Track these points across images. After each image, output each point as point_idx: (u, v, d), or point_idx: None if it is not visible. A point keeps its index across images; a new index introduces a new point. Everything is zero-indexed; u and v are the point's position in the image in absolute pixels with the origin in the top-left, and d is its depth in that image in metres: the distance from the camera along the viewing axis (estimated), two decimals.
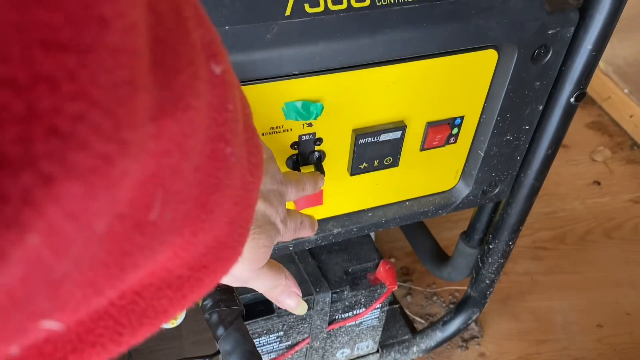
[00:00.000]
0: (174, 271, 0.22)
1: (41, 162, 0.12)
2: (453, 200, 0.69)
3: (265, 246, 0.36)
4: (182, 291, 0.22)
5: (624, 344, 1.08)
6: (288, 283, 0.42)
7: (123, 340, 0.20)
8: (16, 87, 0.12)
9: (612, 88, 1.61)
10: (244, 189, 0.25)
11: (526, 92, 0.58)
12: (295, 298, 0.42)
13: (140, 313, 0.21)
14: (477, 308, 0.88)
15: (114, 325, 0.20)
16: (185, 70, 0.18)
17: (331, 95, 0.51)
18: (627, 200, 1.38)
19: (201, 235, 0.22)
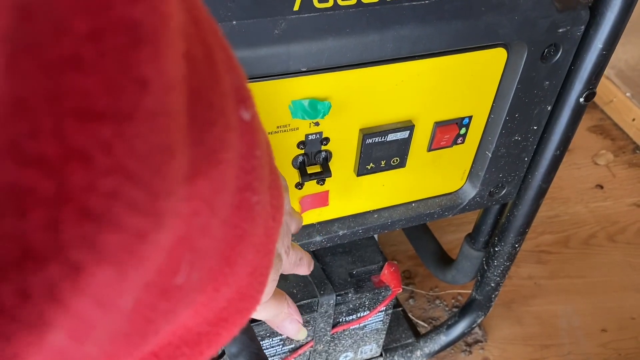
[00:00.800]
0: (194, 329, 0.21)
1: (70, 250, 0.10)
2: (459, 202, 0.68)
3: (273, 280, 0.35)
4: (200, 347, 0.21)
5: (629, 348, 1.07)
6: (290, 311, 0.41)
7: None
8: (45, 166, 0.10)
9: (614, 92, 1.60)
10: (266, 235, 0.23)
11: (535, 92, 0.58)
12: (296, 324, 0.42)
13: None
14: (482, 311, 0.87)
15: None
16: (218, 123, 0.16)
17: (339, 94, 0.51)
18: (630, 204, 1.37)
19: (224, 290, 0.20)
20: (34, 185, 0.10)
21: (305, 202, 0.59)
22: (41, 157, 0.10)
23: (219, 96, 0.16)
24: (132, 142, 0.11)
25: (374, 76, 0.50)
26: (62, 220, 0.10)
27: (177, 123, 0.13)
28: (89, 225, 0.11)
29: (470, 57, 0.54)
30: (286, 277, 0.72)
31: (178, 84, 0.13)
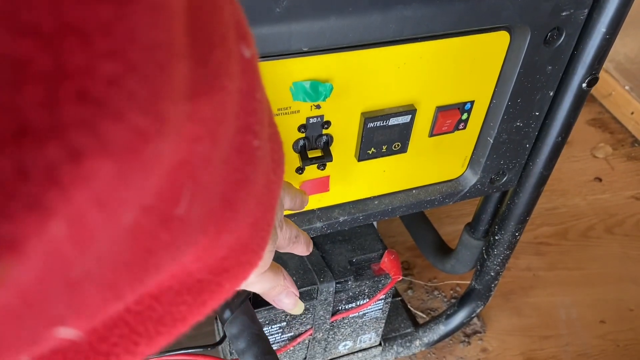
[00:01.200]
0: (195, 274, 0.20)
1: (70, 132, 0.10)
2: (460, 189, 0.67)
3: (269, 251, 0.35)
4: (202, 297, 0.21)
5: (627, 340, 1.07)
6: (286, 283, 0.41)
7: (138, 351, 0.18)
8: (41, 38, 0.10)
9: (613, 85, 1.60)
10: (268, 188, 0.23)
11: (538, 77, 0.57)
12: (292, 298, 0.42)
13: (157, 320, 0.19)
14: (481, 301, 0.87)
15: (129, 334, 0.18)
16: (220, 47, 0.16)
17: (340, 76, 0.50)
18: (628, 197, 1.37)
19: (225, 236, 0.20)
20: (30, 57, 0.10)
21: (306, 187, 0.59)
22: (37, 28, 0.10)
23: (220, 22, 0.16)
24: (132, 29, 0.11)
25: (376, 58, 0.50)
26: (60, 98, 0.10)
27: (177, 25, 0.13)
28: (89, 109, 0.11)
29: (472, 40, 0.53)
30: (286, 264, 0.72)
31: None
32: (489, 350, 1.03)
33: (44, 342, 0.14)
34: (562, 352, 1.04)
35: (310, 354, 0.78)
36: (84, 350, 0.17)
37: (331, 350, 0.81)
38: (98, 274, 0.13)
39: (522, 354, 1.03)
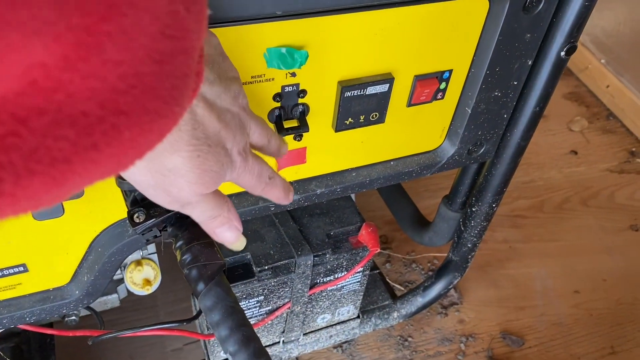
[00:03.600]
0: (76, 100, 0.17)
1: None
2: (438, 160, 0.67)
3: (212, 170, 0.33)
4: (92, 137, 0.17)
5: (600, 309, 1.09)
6: (230, 215, 0.38)
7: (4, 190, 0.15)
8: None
9: (590, 58, 1.61)
10: (174, 19, 0.19)
11: (516, 45, 0.56)
12: (235, 231, 0.39)
13: (26, 153, 0.15)
14: (459, 273, 0.87)
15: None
16: None
17: (316, 42, 0.49)
18: (603, 170, 1.39)
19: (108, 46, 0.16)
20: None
21: (281, 160, 0.58)
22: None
23: None
24: None
25: (352, 23, 0.49)
26: None
27: None
28: None
29: (451, 6, 0.52)
30: (263, 237, 0.71)
31: None
32: (465, 321, 1.04)
33: None
34: (537, 322, 1.06)
35: (289, 327, 0.78)
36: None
37: (309, 324, 0.81)
38: None
39: (499, 324, 1.05)
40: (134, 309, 1.01)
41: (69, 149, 0.17)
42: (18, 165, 0.15)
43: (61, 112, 0.16)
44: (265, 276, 0.68)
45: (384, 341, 1.00)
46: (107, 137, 0.18)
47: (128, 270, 0.72)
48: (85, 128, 0.17)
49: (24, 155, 0.16)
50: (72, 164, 0.17)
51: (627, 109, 1.50)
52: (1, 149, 0.15)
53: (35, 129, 0.16)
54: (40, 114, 0.16)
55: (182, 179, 0.32)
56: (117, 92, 0.18)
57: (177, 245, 0.42)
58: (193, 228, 0.42)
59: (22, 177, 0.16)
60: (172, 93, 0.20)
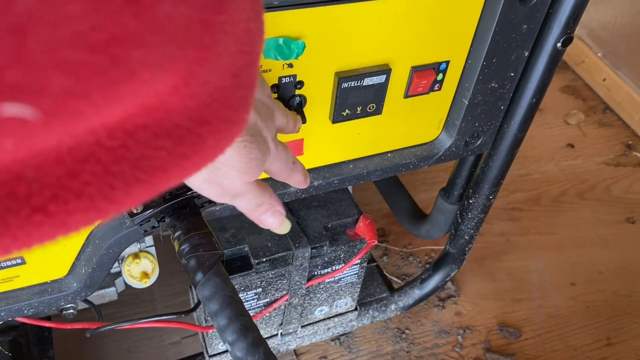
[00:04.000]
0: (173, 116, 0.19)
1: None
2: (435, 152, 0.67)
3: (257, 158, 0.34)
4: (182, 147, 0.19)
5: (597, 301, 1.09)
6: (272, 201, 0.40)
7: (115, 197, 0.17)
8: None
9: (586, 52, 1.61)
10: (248, 36, 0.22)
11: (513, 36, 0.57)
12: (278, 216, 0.41)
13: (133, 163, 0.18)
14: (456, 265, 0.88)
15: (102, 174, 0.17)
16: None
17: (313, 33, 0.49)
18: (599, 163, 1.39)
19: (205, 71, 0.19)
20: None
21: None
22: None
23: None
24: None
25: (349, 14, 0.48)
26: None
27: None
28: None
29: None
30: (260, 231, 0.71)
31: None
32: (463, 314, 1.05)
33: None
34: (534, 314, 1.06)
35: (287, 319, 0.78)
36: (52, 184, 0.16)
37: (307, 316, 0.81)
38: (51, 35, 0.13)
39: (495, 316, 1.05)
40: (132, 302, 1.01)
41: (165, 157, 0.19)
42: (127, 174, 0.17)
43: (160, 126, 0.18)
44: (263, 268, 0.68)
45: (381, 333, 1.00)
46: (195, 146, 0.20)
47: (126, 263, 0.72)
48: (178, 139, 0.19)
49: (132, 165, 0.18)
50: (167, 172, 0.19)
51: (623, 102, 1.51)
52: (115, 160, 0.17)
53: (141, 140, 0.18)
54: (145, 128, 0.18)
55: (233, 169, 0.34)
56: (204, 105, 0.20)
57: (176, 235, 0.42)
58: (191, 218, 0.42)
59: (130, 184, 0.18)
60: (243, 102, 0.23)
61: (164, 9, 0.15)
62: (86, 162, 0.16)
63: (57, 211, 0.16)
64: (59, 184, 0.16)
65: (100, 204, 0.17)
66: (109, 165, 0.17)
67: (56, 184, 0.16)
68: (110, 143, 0.17)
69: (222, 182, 0.34)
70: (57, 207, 0.16)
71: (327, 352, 0.96)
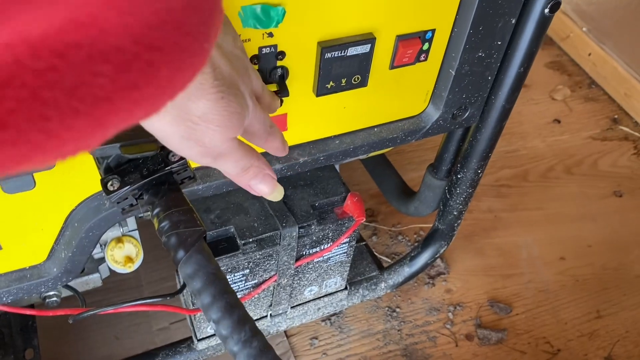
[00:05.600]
0: (110, 35, 0.16)
1: None
2: (423, 125, 0.66)
3: (237, 112, 0.33)
4: (128, 74, 0.17)
5: (585, 274, 1.10)
6: (260, 164, 0.38)
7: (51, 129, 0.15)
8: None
9: (571, 27, 1.60)
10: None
11: (499, 2, 0.55)
12: (270, 181, 0.38)
13: (68, 89, 0.15)
14: (445, 241, 0.87)
15: (30, 99, 0.14)
16: None
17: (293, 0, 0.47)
18: (586, 137, 1.39)
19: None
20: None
21: None
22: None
23: None
24: None
25: None
26: None
27: None
28: None
29: None
30: (247, 210, 0.69)
31: None
32: (453, 291, 1.05)
33: None
34: (523, 289, 1.06)
35: (276, 300, 0.77)
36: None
37: (297, 296, 0.80)
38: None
39: (486, 292, 1.05)
40: (118, 289, 0.99)
41: (108, 86, 0.17)
42: (62, 102, 0.15)
43: (94, 46, 0.16)
44: (250, 249, 0.67)
45: (372, 312, 0.99)
46: (144, 74, 0.18)
47: (109, 247, 0.71)
48: (121, 64, 0.17)
49: (67, 91, 0.15)
50: (114, 103, 0.17)
51: (609, 76, 1.50)
52: (45, 84, 0.15)
53: (73, 63, 0.16)
54: (77, 48, 0.16)
55: (212, 124, 0.32)
56: (150, 27, 0.18)
57: (155, 212, 0.40)
58: (170, 194, 0.40)
59: (67, 115, 0.16)
60: (201, 29, 0.20)
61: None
62: (7, 86, 0.14)
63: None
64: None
65: (33, 136, 0.15)
66: (38, 91, 0.15)
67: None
68: (35, 64, 0.15)
69: (201, 139, 0.32)
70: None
71: (318, 332, 0.96)
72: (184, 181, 0.42)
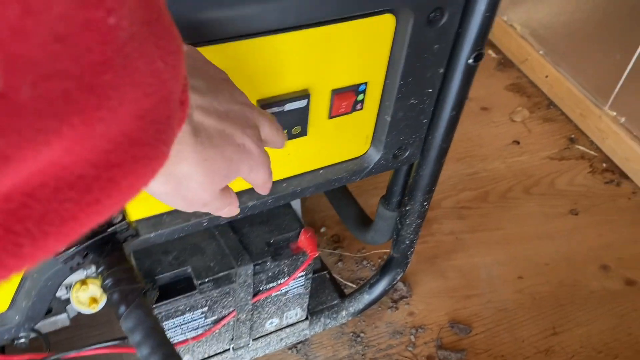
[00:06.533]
0: (72, 169, 0.19)
1: None
2: (366, 166, 0.70)
3: (221, 171, 0.35)
4: (92, 194, 0.19)
5: (543, 292, 1.14)
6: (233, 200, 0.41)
7: (24, 253, 0.17)
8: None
9: (529, 50, 1.67)
10: (155, 77, 0.21)
11: (425, 56, 0.60)
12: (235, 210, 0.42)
13: (38, 219, 0.18)
14: (400, 269, 0.91)
15: (4, 234, 0.17)
16: None
17: (232, 65, 0.51)
18: (544, 158, 1.44)
19: (100, 127, 0.19)
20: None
21: None
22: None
23: None
24: None
25: (263, 46, 0.51)
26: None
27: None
28: None
29: (359, 25, 0.55)
30: (203, 250, 0.73)
31: None
32: (415, 314, 1.09)
33: None
34: (483, 309, 1.11)
35: (237, 334, 0.81)
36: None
37: (258, 329, 0.83)
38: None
39: (447, 314, 1.09)
40: (89, 325, 1.01)
41: (74, 208, 0.19)
42: (33, 230, 0.18)
43: (61, 180, 0.18)
44: (207, 288, 0.70)
45: (337, 339, 1.03)
46: (106, 190, 0.20)
47: (74, 289, 0.74)
48: (85, 188, 0.19)
49: (37, 221, 0.18)
50: (79, 219, 0.19)
51: (565, 97, 1.57)
52: (17, 220, 0.17)
53: (42, 199, 0.18)
54: (43, 187, 0.18)
55: (195, 182, 0.35)
56: (107, 152, 0.20)
57: (99, 270, 0.44)
58: (113, 253, 0.44)
59: (38, 239, 0.18)
60: (157, 136, 0.22)
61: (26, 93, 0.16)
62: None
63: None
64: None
65: (7, 261, 0.17)
66: (11, 225, 0.17)
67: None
68: (8, 206, 0.17)
69: (185, 194, 0.35)
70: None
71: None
72: (126, 240, 0.46)
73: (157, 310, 0.67)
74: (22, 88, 0.15)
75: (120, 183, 0.21)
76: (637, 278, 1.18)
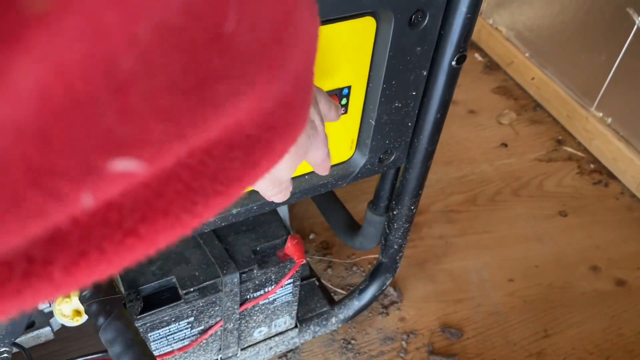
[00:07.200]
0: (243, 127, 0.19)
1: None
2: (351, 171, 0.69)
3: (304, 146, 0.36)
4: (253, 155, 0.20)
5: (533, 295, 1.14)
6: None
7: (197, 211, 0.18)
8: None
9: (515, 53, 1.67)
10: (310, 35, 0.21)
11: (408, 59, 0.59)
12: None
13: (210, 176, 0.18)
14: (390, 273, 0.90)
15: (185, 191, 0.17)
16: None
17: None
18: (532, 159, 1.45)
19: (276, 85, 0.19)
20: None
21: None
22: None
23: None
24: None
25: None
26: None
27: None
28: None
29: (340, 27, 0.54)
30: (188, 260, 0.72)
31: None
32: (406, 319, 1.08)
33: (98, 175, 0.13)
34: (474, 313, 1.10)
35: (224, 344, 0.79)
36: (140, 207, 0.16)
37: (246, 338, 0.82)
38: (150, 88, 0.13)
39: (438, 318, 1.08)
40: (75, 338, 1.00)
41: (239, 167, 0.19)
42: (207, 188, 0.18)
43: (232, 139, 0.19)
44: (193, 298, 0.69)
45: (328, 346, 1.02)
46: (264, 151, 0.20)
47: (56, 302, 0.72)
48: (249, 148, 0.20)
49: (209, 179, 0.18)
50: (242, 180, 0.20)
51: (552, 99, 1.57)
52: (193, 176, 0.18)
53: (216, 156, 0.18)
54: (219, 144, 0.18)
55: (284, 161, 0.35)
56: (269, 113, 0.20)
57: None
58: None
59: (208, 198, 0.18)
60: (303, 103, 0.23)
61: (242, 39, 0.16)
62: (169, 182, 0.17)
63: (147, 232, 0.17)
64: (147, 206, 0.17)
65: (184, 219, 0.17)
66: (190, 182, 0.17)
67: (144, 207, 0.17)
68: (189, 161, 0.17)
69: (272, 174, 0.35)
70: (147, 228, 0.16)
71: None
72: None
73: (141, 321, 0.66)
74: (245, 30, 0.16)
75: (274, 147, 0.21)
76: (628, 278, 1.18)
